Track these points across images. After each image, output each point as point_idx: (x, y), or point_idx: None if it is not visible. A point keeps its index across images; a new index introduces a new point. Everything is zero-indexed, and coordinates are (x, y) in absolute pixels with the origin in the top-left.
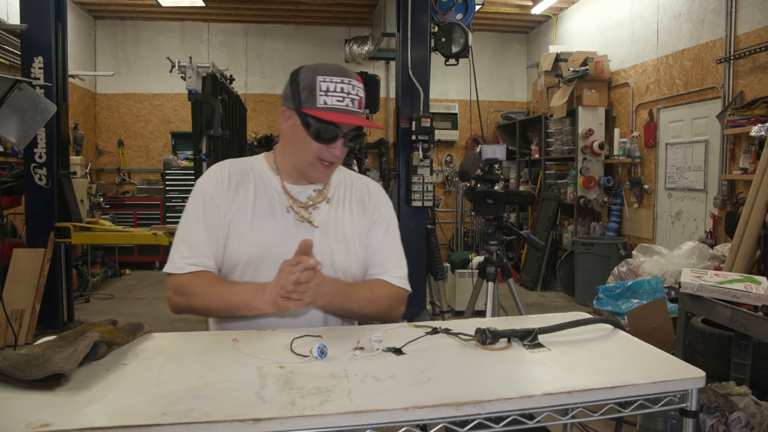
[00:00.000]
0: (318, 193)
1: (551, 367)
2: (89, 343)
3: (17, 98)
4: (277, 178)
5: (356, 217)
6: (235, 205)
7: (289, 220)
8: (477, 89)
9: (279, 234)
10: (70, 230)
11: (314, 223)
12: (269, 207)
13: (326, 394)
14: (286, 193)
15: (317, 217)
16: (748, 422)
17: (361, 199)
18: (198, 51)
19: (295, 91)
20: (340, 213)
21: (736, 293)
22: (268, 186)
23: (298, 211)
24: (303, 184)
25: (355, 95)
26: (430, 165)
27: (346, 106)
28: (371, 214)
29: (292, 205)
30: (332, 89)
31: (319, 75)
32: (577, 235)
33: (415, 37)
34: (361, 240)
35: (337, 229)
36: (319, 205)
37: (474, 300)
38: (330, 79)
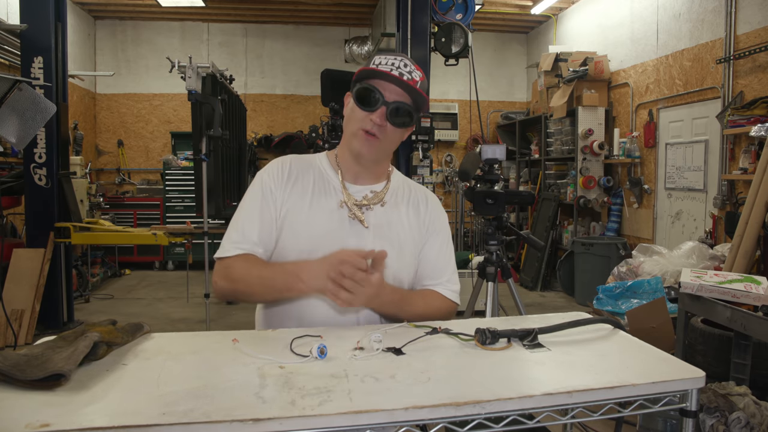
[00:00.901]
0: (374, 194)
1: (551, 367)
2: (89, 343)
3: (17, 98)
4: (337, 174)
5: (411, 225)
6: (292, 198)
7: (341, 216)
8: (477, 89)
9: (329, 230)
10: (70, 230)
11: (364, 223)
12: (325, 202)
13: (326, 394)
14: (344, 189)
15: (370, 218)
16: (748, 422)
17: (416, 207)
18: (198, 51)
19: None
20: (394, 217)
21: (736, 293)
22: (327, 182)
23: (351, 208)
24: (361, 184)
25: (405, 71)
26: (430, 165)
27: (391, 70)
28: (428, 225)
29: (346, 201)
30: (384, 62)
31: (378, 55)
32: (577, 235)
33: (415, 37)
34: (414, 248)
35: (390, 233)
36: (374, 207)
37: (474, 300)
38: (386, 56)
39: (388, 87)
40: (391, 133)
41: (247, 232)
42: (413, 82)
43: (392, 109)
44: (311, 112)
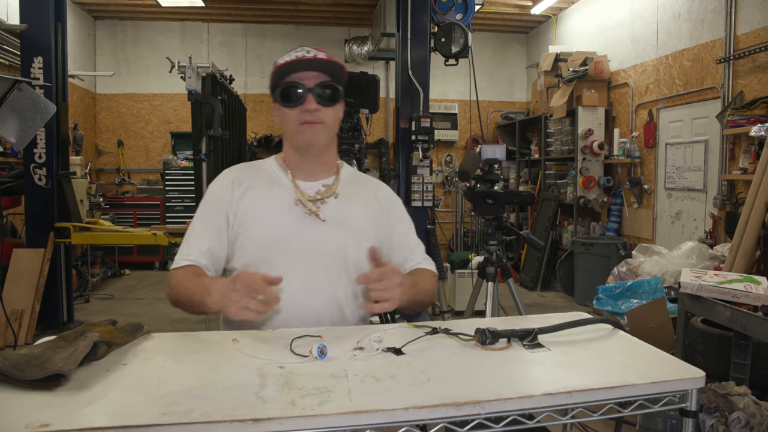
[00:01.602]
0: (326, 188)
1: (551, 367)
2: (89, 343)
3: (17, 98)
4: (287, 175)
5: (366, 214)
6: (245, 204)
7: (297, 213)
8: (477, 89)
9: (287, 227)
10: (70, 230)
11: (321, 216)
12: (279, 202)
13: (326, 394)
14: (296, 188)
15: (326, 211)
16: (748, 422)
17: (370, 197)
18: (198, 51)
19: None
20: (349, 208)
21: (736, 293)
22: (278, 183)
23: (306, 204)
24: (312, 180)
25: (308, 54)
26: (429, 165)
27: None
28: (387, 213)
29: (300, 198)
30: (286, 57)
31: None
32: (576, 235)
33: (415, 37)
34: (373, 235)
35: (347, 223)
36: (327, 200)
37: (474, 300)
38: (287, 53)
39: (303, 75)
40: (328, 114)
41: (194, 245)
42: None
43: (317, 91)
44: None
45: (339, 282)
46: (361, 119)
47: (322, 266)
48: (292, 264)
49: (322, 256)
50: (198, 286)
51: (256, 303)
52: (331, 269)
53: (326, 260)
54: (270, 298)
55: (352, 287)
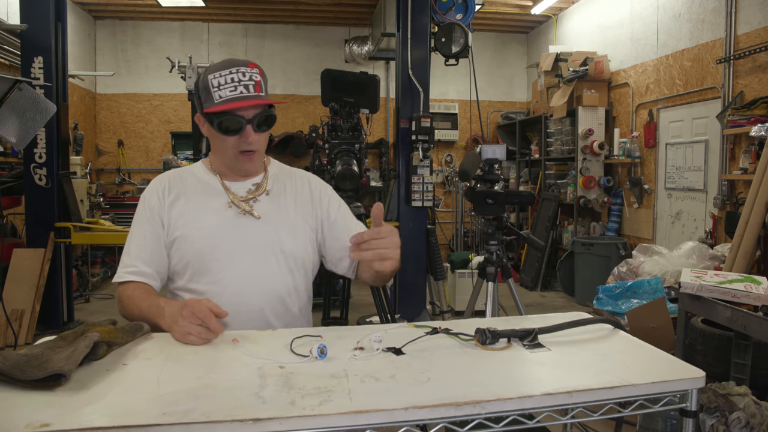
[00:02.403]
0: (257, 186)
1: (551, 367)
2: (89, 343)
3: (17, 98)
4: (216, 178)
5: (299, 206)
6: (177, 210)
7: (231, 214)
8: (477, 89)
9: (223, 228)
10: (70, 230)
11: (255, 214)
12: (211, 205)
13: (326, 394)
14: (227, 190)
15: (259, 208)
16: (748, 422)
17: (301, 189)
18: (198, 51)
19: (197, 97)
20: (282, 203)
21: (736, 293)
22: (208, 187)
23: (239, 205)
24: (241, 180)
25: (247, 81)
26: (430, 165)
27: (240, 94)
28: (325, 203)
29: (233, 200)
30: (223, 82)
31: (209, 74)
32: (577, 235)
33: (415, 37)
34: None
35: (281, 218)
36: (260, 198)
37: (474, 300)
38: (219, 73)
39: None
40: (262, 138)
41: (134, 254)
42: (258, 84)
43: (256, 123)
44: (311, 112)
45: (279, 275)
46: (361, 119)
47: (261, 262)
48: (231, 264)
49: (260, 253)
50: (151, 307)
51: (198, 330)
52: (270, 264)
53: (264, 256)
54: (213, 327)
55: (293, 280)
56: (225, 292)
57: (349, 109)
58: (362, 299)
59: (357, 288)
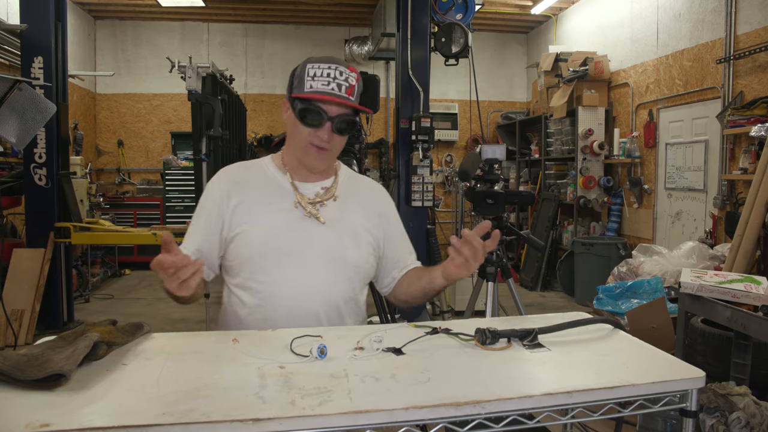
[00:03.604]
0: (325, 190)
1: (551, 367)
2: (89, 343)
3: (17, 98)
4: (286, 176)
5: (363, 216)
6: (240, 205)
7: (296, 216)
8: (477, 89)
9: (286, 228)
10: (70, 230)
11: (320, 219)
12: (277, 204)
13: (326, 394)
14: (295, 189)
15: (325, 213)
16: (748, 422)
17: (366, 198)
18: (198, 51)
19: (290, 81)
20: (347, 211)
21: (736, 293)
22: (276, 184)
23: (306, 207)
24: (311, 182)
25: (342, 81)
26: (430, 165)
27: (331, 90)
28: (381, 213)
29: (300, 201)
30: (319, 74)
31: (309, 63)
32: (577, 235)
33: (415, 37)
34: (369, 236)
35: (346, 226)
36: (327, 203)
37: (474, 300)
38: (318, 65)
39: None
40: (338, 141)
41: (186, 245)
42: (351, 89)
43: (336, 123)
44: None
45: (338, 283)
46: (361, 119)
47: (322, 267)
48: (291, 264)
49: (321, 258)
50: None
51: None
52: (331, 269)
53: (325, 261)
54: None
55: (351, 289)
56: (281, 293)
57: None
58: None
59: None
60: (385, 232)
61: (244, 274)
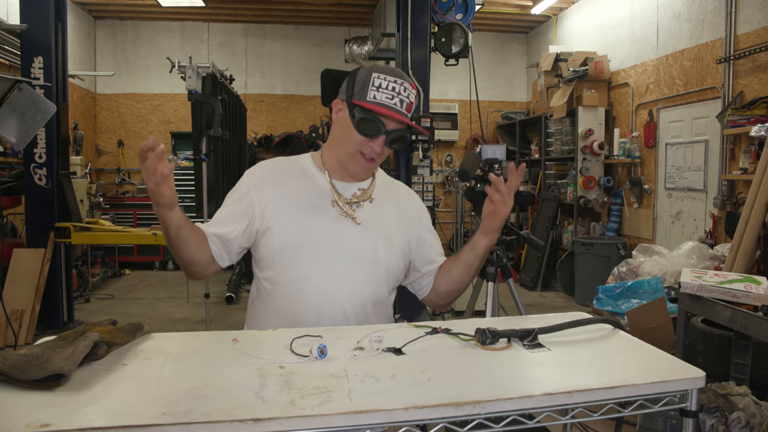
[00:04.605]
0: (362, 192)
1: (551, 367)
2: (89, 343)
3: (17, 98)
4: (324, 174)
5: (397, 218)
6: (276, 197)
7: (332, 214)
8: (477, 89)
9: (321, 226)
10: (70, 230)
11: (357, 220)
12: (313, 200)
13: (326, 394)
14: (333, 188)
15: (360, 214)
16: (748, 422)
17: (399, 201)
18: (198, 51)
19: (350, 84)
20: (383, 213)
21: (736, 293)
22: (314, 181)
23: (343, 207)
24: (348, 182)
25: (405, 97)
26: (430, 165)
27: (394, 105)
28: (413, 215)
29: (337, 200)
30: (384, 86)
31: (375, 72)
32: (577, 235)
33: (415, 37)
34: (401, 239)
35: (380, 228)
36: (363, 204)
37: (474, 300)
38: (384, 77)
39: (389, 113)
40: (387, 153)
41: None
42: (411, 106)
43: (391, 137)
44: (311, 112)
45: (368, 283)
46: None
47: (353, 266)
48: (323, 261)
49: (353, 257)
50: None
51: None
52: (362, 270)
53: (357, 261)
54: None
55: (381, 289)
56: (311, 290)
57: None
58: None
59: None
60: (418, 235)
61: (275, 267)
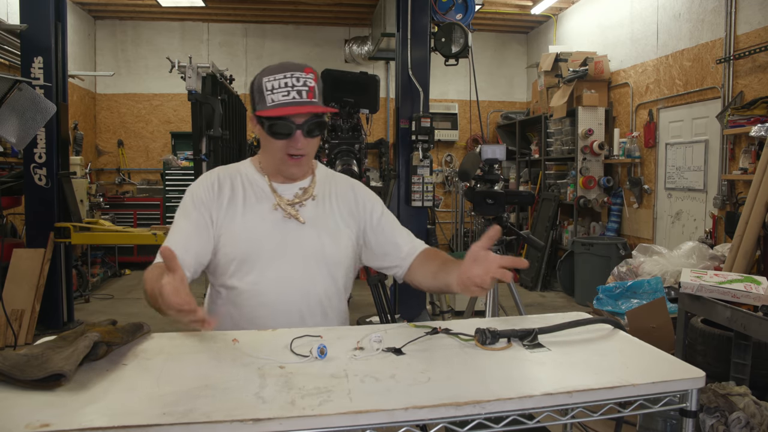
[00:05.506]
0: (303, 191)
1: (551, 367)
2: (89, 343)
3: (17, 98)
4: (264, 178)
5: (343, 213)
6: (224, 207)
7: (277, 217)
8: (477, 89)
9: (268, 230)
10: (70, 230)
11: (300, 219)
12: (258, 206)
13: (326, 394)
14: (273, 191)
15: (304, 213)
16: (748, 422)
17: (345, 196)
18: (198, 51)
19: (252, 97)
20: (327, 209)
21: (736, 293)
22: (256, 187)
23: (285, 208)
24: (288, 183)
25: (301, 86)
26: (430, 165)
27: (292, 99)
28: (363, 205)
29: (279, 203)
30: (277, 86)
31: (264, 76)
32: (576, 235)
33: (415, 37)
34: (350, 233)
35: (326, 224)
36: (306, 203)
37: (474, 300)
38: (274, 77)
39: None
40: (312, 144)
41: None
42: (311, 90)
43: (306, 128)
44: None
45: (320, 280)
46: (361, 119)
47: (303, 266)
48: (273, 264)
49: (302, 257)
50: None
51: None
52: (311, 268)
53: (306, 260)
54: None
55: (333, 285)
56: (265, 293)
57: (349, 109)
58: (362, 299)
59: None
60: (368, 222)
61: (228, 274)
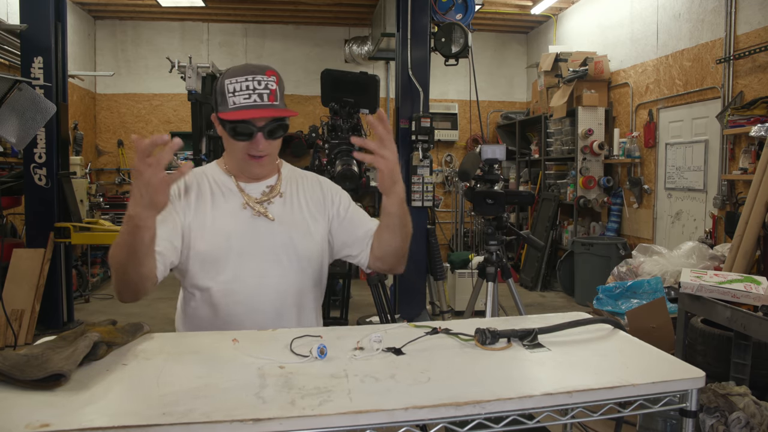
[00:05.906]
0: (270, 188)
1: (551, 367)
2: (89, 343)
3: (17, 98)
4: (231, 178)
5: (311, 208)
6: (193, 208)
7: (246, 216)
8: (477, 89)
9: (238, 229)
10: (70, 230)
11: (269, 216)
12: (226, 206)
13: (326, 394)
14: (241, 191)
15: (273, 210)
16: (748, 422)
17: (312, 191)
18: (198, 51)
19: (214, 99)
20: (295, 206)
21: (736, 293)
22: (223, 187)
23: (254, 206)
24: (255, 182)
25: (262, 89)
26: (429, 165)
27: (253, 102)
28: (336, 202)
29: (248, 201)
30: (238, 89)
31: (227, 79)
32: (576, 235)
33: (415, 37)
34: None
35: (295, 220)
36: (273, 200)
37: (474, 300)
38: (236, 79)
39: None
40: (274, 145)
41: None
42: (273, 93)
43: (267, 131)
44: (311, 112)
45: (292, 276)
46: (361, 119)
47: (274, 263)
48: (245, 262)
49: (273, 254)
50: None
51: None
52: (283, 264)
53: (277, 257)
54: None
55: (305, 280)
56: (238, 292)
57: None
58: (362, 299)
59: (357, 288)
60: (336, 215)
61: (201, 276)
